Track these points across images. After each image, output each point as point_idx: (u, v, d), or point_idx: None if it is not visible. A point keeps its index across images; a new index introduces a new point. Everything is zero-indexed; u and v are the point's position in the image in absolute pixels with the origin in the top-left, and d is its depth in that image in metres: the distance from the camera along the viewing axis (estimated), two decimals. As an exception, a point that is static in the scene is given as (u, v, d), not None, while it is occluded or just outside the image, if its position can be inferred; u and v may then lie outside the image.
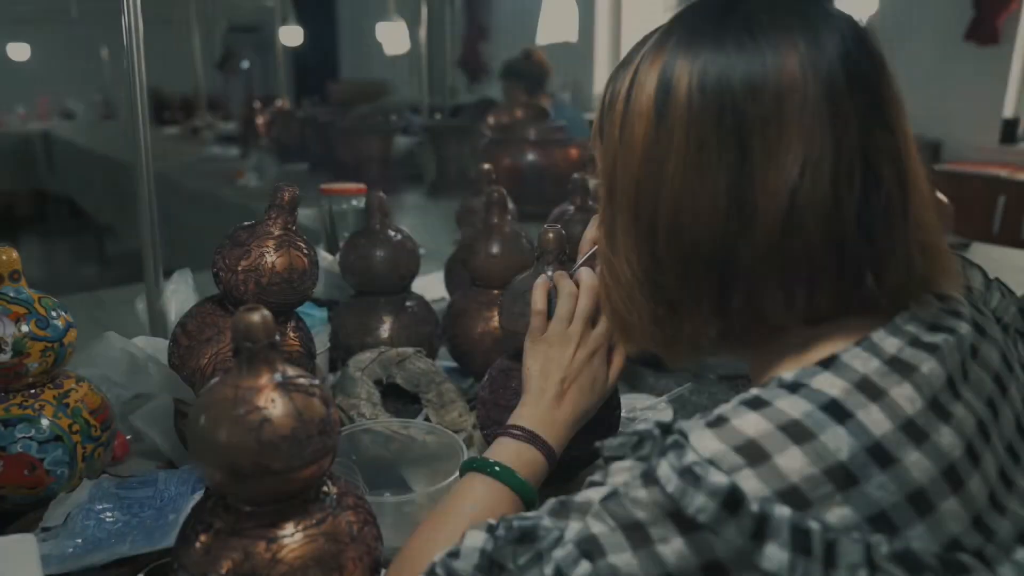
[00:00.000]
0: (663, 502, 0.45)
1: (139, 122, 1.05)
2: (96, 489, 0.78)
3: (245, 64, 6.43)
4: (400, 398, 1.05)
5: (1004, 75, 3.69)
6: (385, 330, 1.10)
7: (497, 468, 0.68)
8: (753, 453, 0.45)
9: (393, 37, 3.90)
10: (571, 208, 1.28)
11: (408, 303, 1.14)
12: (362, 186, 1.47)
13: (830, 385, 0.48)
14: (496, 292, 1.14)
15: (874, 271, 0.50)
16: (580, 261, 0.80)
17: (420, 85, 3.32)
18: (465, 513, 0.65)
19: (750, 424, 0.46)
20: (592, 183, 1.55)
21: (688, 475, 0.44)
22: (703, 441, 0.46)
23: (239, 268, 0.79)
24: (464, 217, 1.42)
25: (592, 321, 0.76)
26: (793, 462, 0.44)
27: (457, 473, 0.76)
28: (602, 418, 0.83)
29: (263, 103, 4.50)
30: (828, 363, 0.49)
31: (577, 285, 0.78)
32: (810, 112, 0.48)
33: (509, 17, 6.27)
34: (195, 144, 4.69)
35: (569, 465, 0.84)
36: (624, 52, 0.59)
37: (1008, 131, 3.72)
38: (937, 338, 0.50)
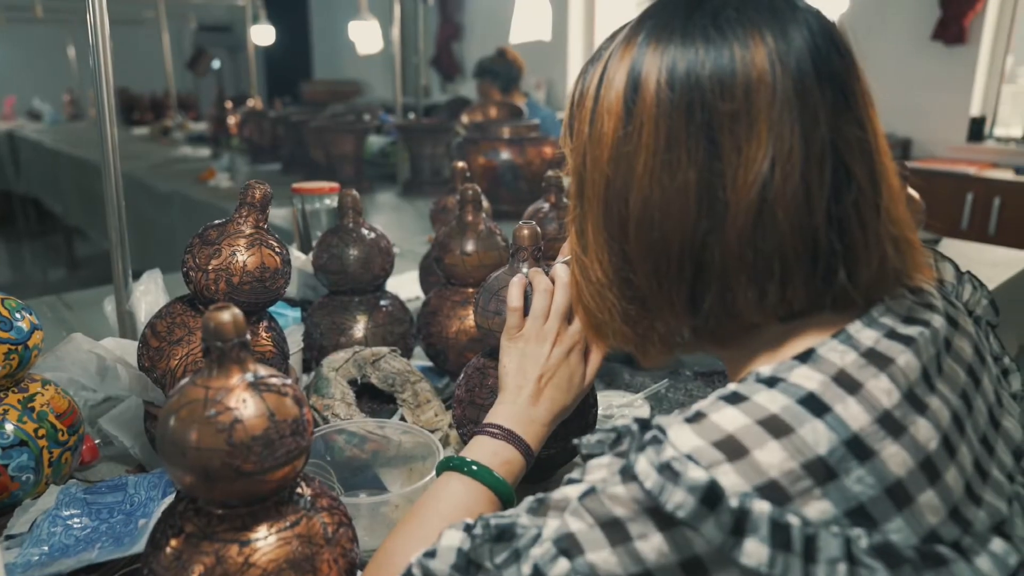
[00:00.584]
0: (641, 498, 0.45)
1: (106, 122, 1.02)
2: (63, 495, 0.77)
3: (216, 64, 6.35)
4: (375, 398, 1.04)
5: (971, 74, 3.76)
6: (359, 330, 1.09)
7: (474, 467, 0.68)
8: (732, 448, 0.45)
9: (366, 36, 3.87)
10: (545, 206, 1.28)
11: (382, 302, 1.13)
12: (335, 185, 1.45)
13: (807, 379, 0.48)
14: (471, 290, 1.13)
15: (847, 266, 0.50)
16: (560, 259, 0.79)
17: (393, 84, 3.30)
18: (442, 513, 0.64)
19: (728, 419, 0.46)
20: (565, 181, 1.55)
21: (666, 471, 0.44)
22: (682, 436, 0.46)
23: (209, 267, 0.78)
24: (438, 215, 1.42)
25: (568, 318, 0.76)
26: (772, 456, 0.44)
27: (433, 473, 0.76)
28: (579, 415, 0.82)
29: (234, 103, 4.46)
30: (805, 357, 0.50)
31: (553, 281, 0.77)
32: (779, 107, 0.48)
33: (483, 16, 6.26)
34: (165, 144, 4.63)
35: (546, 463, 0.83)
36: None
37: (975, 129, 3.79)
38: (912, 330, 0.50)
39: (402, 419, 0.99)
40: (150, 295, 1.03)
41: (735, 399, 0.48)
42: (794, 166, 0.48)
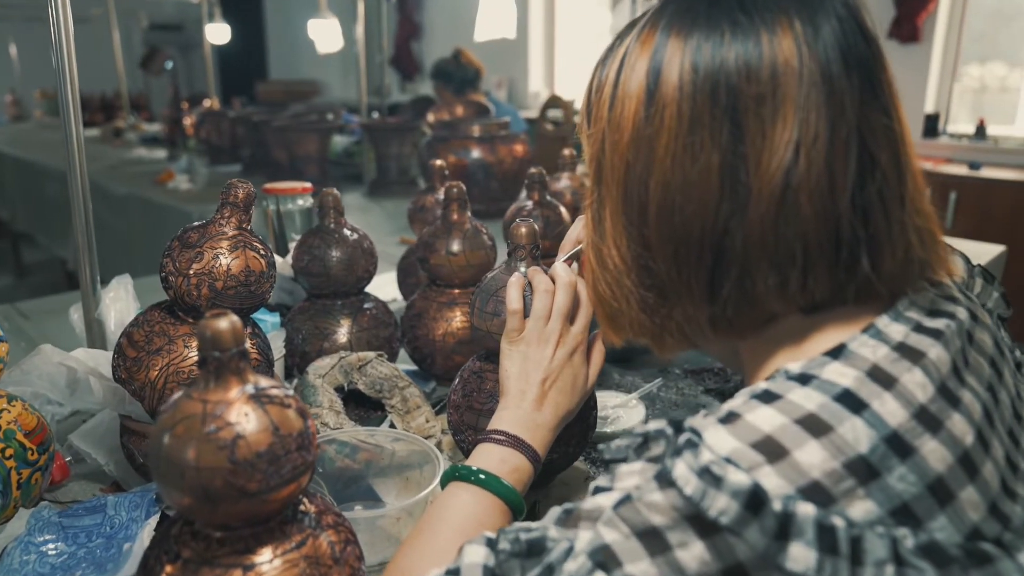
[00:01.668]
0: (681, 505, 0.43)
1: (71, 122, 0.97)
2: (35, 519, 0.71)
3: (169, 64, 6.18)
4: (361, 405, 1.01)
5: (924, 72, 3.84)
6: (343, 334, 1.05)
7: (482, 476, 0.65)
8: (771, 449, 0.43)
9: (325, 35, 3.80)
10: (529, 203, 1.25)
11: (366, 305, 1.09)
12: (308, 185, 1.41)
13: (841, 375, 0.47)
14: (457, 291, 1.10)
15: (870, 256, 0.49)
16: (560, 258, 0.77)
17: (357, 84, 3.24)
18: (452, 525, 0.61)
19: (765, 419, 0.45)
20: (579, 176, 1.53)
21: (707, 475, 0.42)
22: (718, 439, 0.44)
23: (191, 272, 0.73)
24: (417, 215, 1.38)
25: (570, 318, 0.74)
26: (813, 457, 0.43)
27: (436, 483, 0.73)
28: (580, 418, 0.80)
29: (190, 103, 4.34)
30: (836, 352, 0.49)
31: (553, 281, 0.75)
32: (806, 91, 0.47)
33: (443, 15, 6.21)
34: (118, 146, 4.48)
35: (547, 468, 0.81)
36: (559, 50, 0.58)
37: (930, 126, 3.87)
38: (939, 323, 0.50)
39: (391, 426, 0.96)
40: (120, 302, 0.98)
41: (768, 398, 0.46)
42: (819, 152, 0.48)
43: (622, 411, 1.01)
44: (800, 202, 0.48)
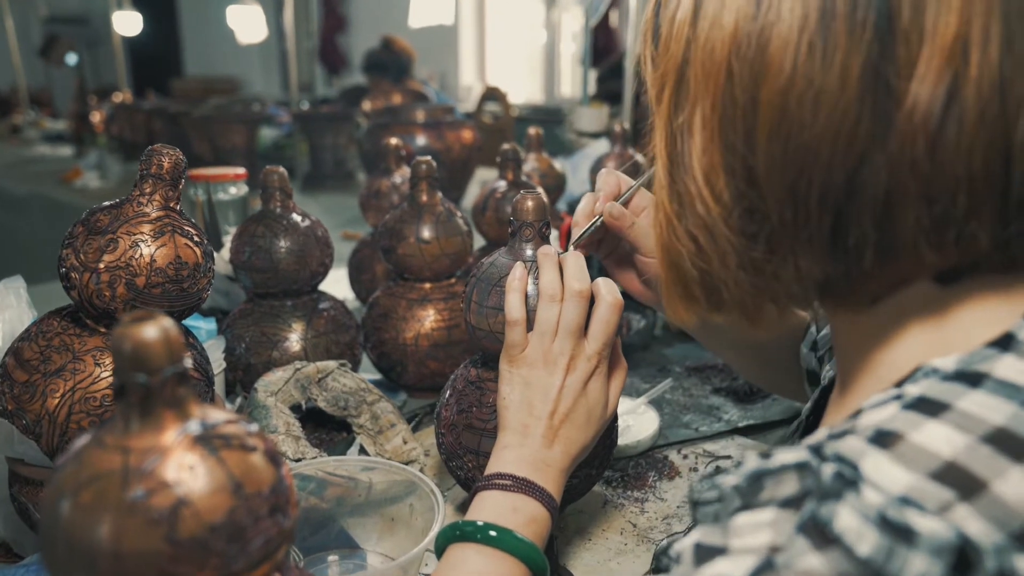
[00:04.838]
0: (852, 571, 0.30)
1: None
2: None
3: (72, 59, 5.73)
4: (322, 426, 0.84)
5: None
6: (296, 341, 0.87)
7: (492, 532, 0.51)
8: (960, 481, 0.32)
9: (247, 23, 3.56)
10: (503, 183, 1.11)
11: (322, 305, 0.91)
12: (241, 171, 1.23)
13: (1022, 372, 0.34)
14: (428, 286, 0.94)
15: None
16: (575, 235, 0.62)
17: (283, 76, 3.03)
18: None
19: (939, 438, 0.33)
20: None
21: (888, 527, 0.30)
22: (883, 470, 0.32)
23: (101, 265, 0.55)
24: (370, 202, 1.21)
25: (584, 331, 0.59)
26: (1020, 487, 0.31)
27: (435, 527, 0.57)
28: (603, 434, 0.65)
29: (98, 97, 4.01)
30: (1006, 343, 0.36)
31: (562, 275, 0.60)
32: None
33: (370, 5, 6.00)
34: (16, 144, 4.12)
35: (565, 493, 0.66)
36: (489, 40, 0.43)
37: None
38: None
39: (362, 451, 0.79)
40: (10, 311, 0.77)
41: (931, 408, 0.34)
42: (992, 52, 0.35)
43: (631, 418, 0.87)
44: (966, 119, 0.35)
